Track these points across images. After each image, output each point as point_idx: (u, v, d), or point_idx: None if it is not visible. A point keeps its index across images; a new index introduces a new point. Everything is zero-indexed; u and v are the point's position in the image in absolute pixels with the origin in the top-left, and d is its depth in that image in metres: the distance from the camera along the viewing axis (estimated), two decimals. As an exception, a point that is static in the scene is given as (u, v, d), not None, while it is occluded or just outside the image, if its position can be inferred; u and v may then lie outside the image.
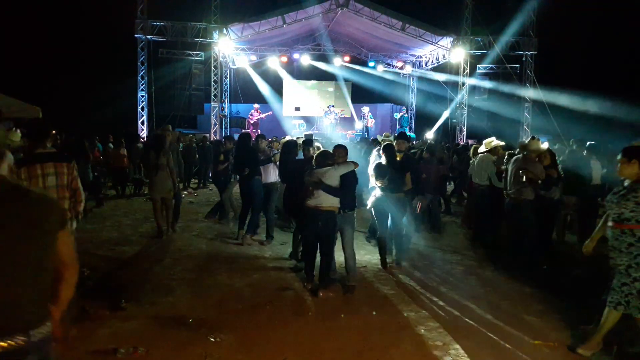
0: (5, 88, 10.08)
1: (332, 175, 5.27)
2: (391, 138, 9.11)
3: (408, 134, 19.96)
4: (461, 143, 17.88)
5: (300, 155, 6.72)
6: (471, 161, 8.57)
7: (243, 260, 6.64)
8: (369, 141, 11.24)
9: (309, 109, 23.36)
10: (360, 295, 5.40)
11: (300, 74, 23.72)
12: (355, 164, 5.53)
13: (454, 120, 20.57)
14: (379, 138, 12.85)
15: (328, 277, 5.51)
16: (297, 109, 23.62)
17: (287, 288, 5.49)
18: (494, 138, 8.25)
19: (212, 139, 16.61)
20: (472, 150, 9.19)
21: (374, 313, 4.86)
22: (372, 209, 6.50)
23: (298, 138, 10.12)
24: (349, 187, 5.44)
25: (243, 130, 15.56)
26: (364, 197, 6.96)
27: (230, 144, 9.05)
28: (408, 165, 6.60)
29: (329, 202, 5.29)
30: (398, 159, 6.49)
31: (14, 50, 21.11)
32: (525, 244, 6.41)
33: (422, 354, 4.02)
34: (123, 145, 13.10)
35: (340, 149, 5.59)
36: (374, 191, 6.46)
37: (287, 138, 9.71)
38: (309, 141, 6.60)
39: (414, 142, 15.51)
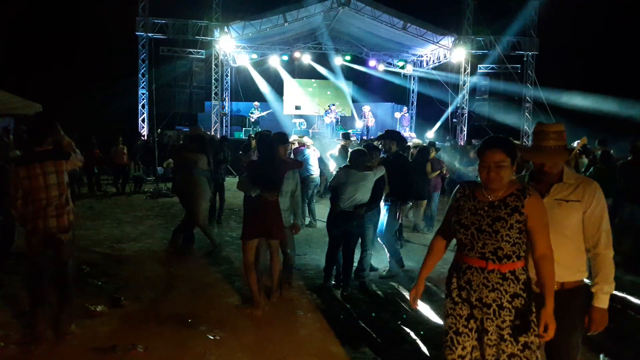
0: (6, 85, 10.08)
1: (371, 180, 5.39)
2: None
3: (408, 133, 20.13)
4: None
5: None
6: None
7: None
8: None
9: (309, 108, 23.32)
10: (362, 295, 5.41)
11: (301, 72, 23.68)
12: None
13: (454, 120, 20.57)
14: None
15: (351, 275, 5.56)
16: (298, 107, 23.57)
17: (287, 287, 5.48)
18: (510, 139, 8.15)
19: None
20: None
21: (373, 315, 4.86)
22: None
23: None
24: (380, 189, 5.56)
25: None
26: None
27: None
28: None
29: (362, 202, 5.38)
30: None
31: (14, 47, 21.10)
32: None
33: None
34: (121, 142, 13.10)
35: (377, 152, 5.72)
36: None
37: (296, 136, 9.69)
38: (284, 138, 5.52)
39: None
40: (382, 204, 5.99)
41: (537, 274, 2.45)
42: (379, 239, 6.14)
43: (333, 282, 5.67)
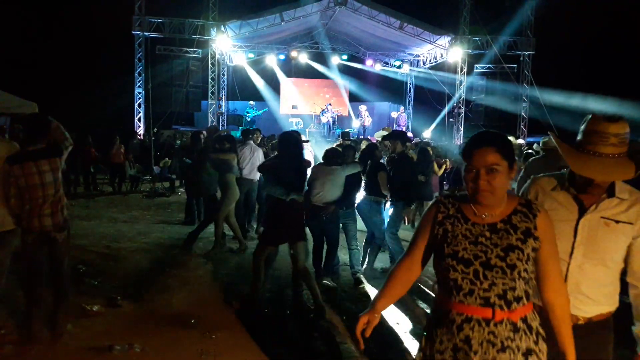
0: (2, 84, 10.02)
1: (339, 175, 5.37)
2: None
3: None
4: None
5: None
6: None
7: (241, 259, 6.63)
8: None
9: (306, 107, 23.36)
10: (359, 294, 5.42)
11: (298, 72, 23.70)
12: (361, 165, 5.65)
13: (451, 120, 20.61)
14: (377, 135, 12.86)
15: (333, 267, 5.65)
16: (294, 107, 23.61)
17: (285, 286, 5.48)
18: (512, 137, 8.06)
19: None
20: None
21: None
22: None
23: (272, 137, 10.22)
24: (353, 186, 5.61)
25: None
26: None
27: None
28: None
29: (332, 198, 5.41)
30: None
31: (10, 45, 21.02)
32: None
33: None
34: (118, 141, 13.06)
35: (351, 150, 5.81)
36: None
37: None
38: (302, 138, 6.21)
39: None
40: (388, 204, 6.06)
41: (551, 317, 1.88)
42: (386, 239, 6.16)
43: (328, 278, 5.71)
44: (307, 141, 9.04)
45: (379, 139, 10.45)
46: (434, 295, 2.05)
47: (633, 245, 1.99)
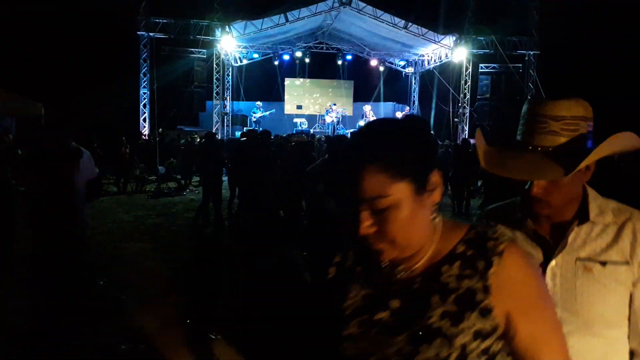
0: (7, 84, 10.09)
1: None
2: None
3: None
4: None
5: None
6: None
7: (246, 257, 6.63)
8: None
9: (310, 107, 23.37)
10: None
11: (302, 72, 23.72)
12: None
13: (455, 120, 20.57)
14: None
15: None
16: (299, 107, 23.63)
17: (289, 286, 5.49)
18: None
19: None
20: None
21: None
22: None
23: (291, 136, 10.27)
24: None
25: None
26: None
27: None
28: None
29: None
30: None
31: (15, 46, 21.12)
32: None
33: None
34: (125, 142, 13.12)
35: None
36: None
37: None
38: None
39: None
40: None
41: None
42: None
43: None
44: None
45: None
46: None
47: (635, 296, 1.21)
